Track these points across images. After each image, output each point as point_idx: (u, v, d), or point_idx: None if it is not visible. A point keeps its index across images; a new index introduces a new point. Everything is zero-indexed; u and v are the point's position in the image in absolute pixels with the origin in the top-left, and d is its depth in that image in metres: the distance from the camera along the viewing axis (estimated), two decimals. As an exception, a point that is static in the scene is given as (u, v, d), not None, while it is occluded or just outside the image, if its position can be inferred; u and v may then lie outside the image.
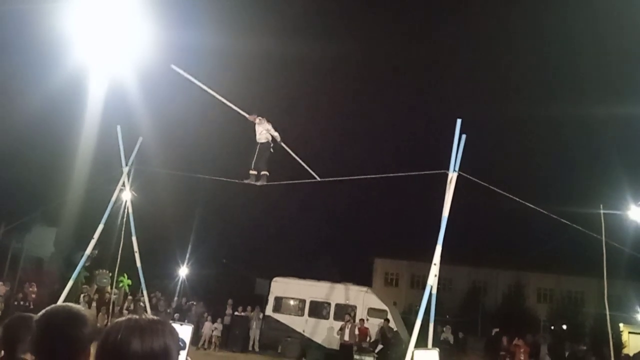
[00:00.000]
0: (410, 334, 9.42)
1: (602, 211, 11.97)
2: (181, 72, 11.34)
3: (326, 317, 20.72)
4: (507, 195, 10.40)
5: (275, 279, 22.05)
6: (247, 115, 11.39)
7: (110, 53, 11.33)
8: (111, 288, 19.96)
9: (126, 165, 13.44)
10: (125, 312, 20.05)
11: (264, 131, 11.29)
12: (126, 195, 13.61)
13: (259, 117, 11.34)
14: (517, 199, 10.48)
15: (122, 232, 13.82)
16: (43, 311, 1.92)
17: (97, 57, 11.68)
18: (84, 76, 13.45)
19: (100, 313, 19.16)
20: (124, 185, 13.29)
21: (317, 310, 21.01)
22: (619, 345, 31.10)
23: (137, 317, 1.57)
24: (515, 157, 51.72)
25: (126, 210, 13.66)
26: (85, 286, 21.18)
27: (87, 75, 13.45)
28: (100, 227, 12.67)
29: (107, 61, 12.00)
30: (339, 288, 21.06)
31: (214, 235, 35.83)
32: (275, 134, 11.42)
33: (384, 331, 18.73)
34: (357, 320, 19.05)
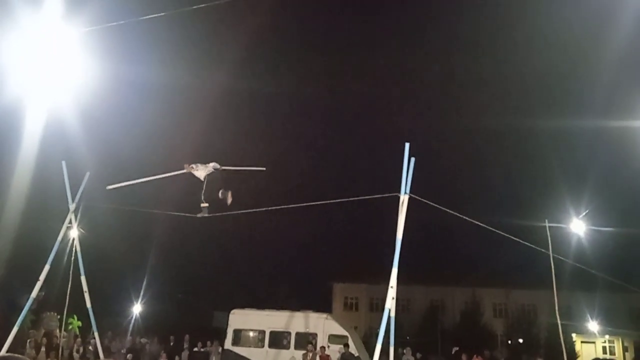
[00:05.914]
0: (372, 358, 9.43)
1: (547, 224, 12.51)
2: (118, 185, 11.66)
3: (287, 347, 20.39)
4: (456, 214, 10.70)
5: (233, 311, 21.61)
6: (183, 171, 11.44)
7: (50, 87, 11.07)
8: (60, 331, 19.08)
9: (73, 202, 13.07)
10: (75, 354, 19.17)
11: (203, 173, 11.28)
12: (74, 232, 13.19)
13: (192, 165, 11.37)
14: (466, 218, 10.80)
15: (71, 272, 13.36)
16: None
17: (36, 92, 11.37)
18: (21, 112, 12.97)
19: (49, 359, 18.26)
20: (70, 222, 12.89)
21: (278, 340, 20.66)
22: (573, 354, 32.12)
23: None
24: (463, 176, 53.37)
25: (74, 249, 13.23)
26: (32, 331, 20.20)
27: (24, 111, 12.97)
28: (47, 267, 12.25)
29: (47, 96, 11.70)
30: (299, 316, 20.83)
31: (168, 269, 34.96)
32: (213, 164, 11.38)
33: (345, 357, 18.60)
34: (318, 348, 18.86)
